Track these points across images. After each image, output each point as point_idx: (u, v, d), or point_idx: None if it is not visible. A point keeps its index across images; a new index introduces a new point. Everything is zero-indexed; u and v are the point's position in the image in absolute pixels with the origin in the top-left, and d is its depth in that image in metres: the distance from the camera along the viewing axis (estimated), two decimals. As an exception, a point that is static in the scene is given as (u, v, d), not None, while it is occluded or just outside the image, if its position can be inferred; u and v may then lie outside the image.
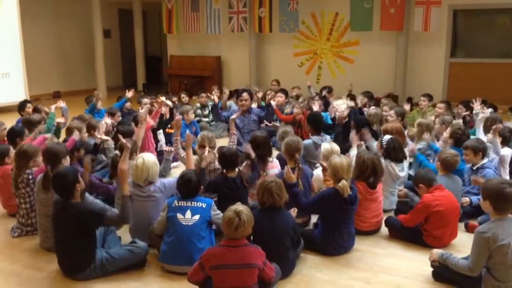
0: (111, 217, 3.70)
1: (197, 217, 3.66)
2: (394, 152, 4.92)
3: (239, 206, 3.11)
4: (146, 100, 7.74)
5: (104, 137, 5.54)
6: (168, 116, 7.09)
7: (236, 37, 13.19)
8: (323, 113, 6.98)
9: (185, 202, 3.71)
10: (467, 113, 6.68)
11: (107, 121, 6.24)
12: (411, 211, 4.25)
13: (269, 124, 6.87)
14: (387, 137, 5.17)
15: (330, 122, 7.02)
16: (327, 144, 4.98)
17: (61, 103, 6.98)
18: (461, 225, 4.51)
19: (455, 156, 4.76)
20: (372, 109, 7.06)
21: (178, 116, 5.12)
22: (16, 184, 4.42)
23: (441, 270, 3.57)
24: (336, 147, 4.91)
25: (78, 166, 4.63)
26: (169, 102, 6.98)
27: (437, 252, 3.56)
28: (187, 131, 7.32)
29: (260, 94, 7.88)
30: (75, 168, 3.77)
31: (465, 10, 11.12)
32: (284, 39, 12.72)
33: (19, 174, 4.41)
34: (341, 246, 4.05)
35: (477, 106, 6.52)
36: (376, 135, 5.86)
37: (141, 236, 3.96)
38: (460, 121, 6.01)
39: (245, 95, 7.18)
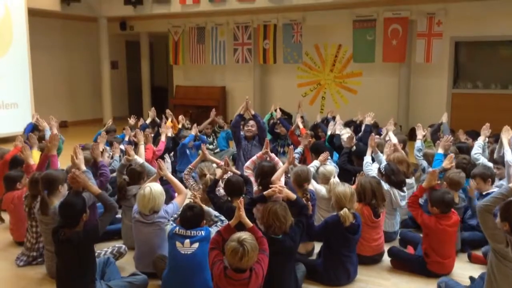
0: (104, 221, 3.82)
1: (196, 245, 3.54)
2: (394, 176, 4.90)
3: (242, 234, 3.05)
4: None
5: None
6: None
7: (241, 68, 13.39)
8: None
9: (184, 231, 3.61)
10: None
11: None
12: (422, 215, 4.17)
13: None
14: (384, 163, 5.20)
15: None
16: (322, 168, 5.05)
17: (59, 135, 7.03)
18: (464, 256, 4.52)
19: (459, 173, 4.76)
20: (376, 139, 7.00)
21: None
22: (29, 209, 4.43)
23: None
24: (329, 167, 5.04)
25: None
26: (169, 133, 7.11)
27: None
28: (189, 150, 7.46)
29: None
30: (83, 198, 3.80)
31: (467, 42, 11.30)
32: (288, 70, 12.91)
33: (33, 201, 4.42)
34: (344, 276, 4.05)
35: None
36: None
37: (145, 264, 3.98)
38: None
39: (251, 122, 7.32)
